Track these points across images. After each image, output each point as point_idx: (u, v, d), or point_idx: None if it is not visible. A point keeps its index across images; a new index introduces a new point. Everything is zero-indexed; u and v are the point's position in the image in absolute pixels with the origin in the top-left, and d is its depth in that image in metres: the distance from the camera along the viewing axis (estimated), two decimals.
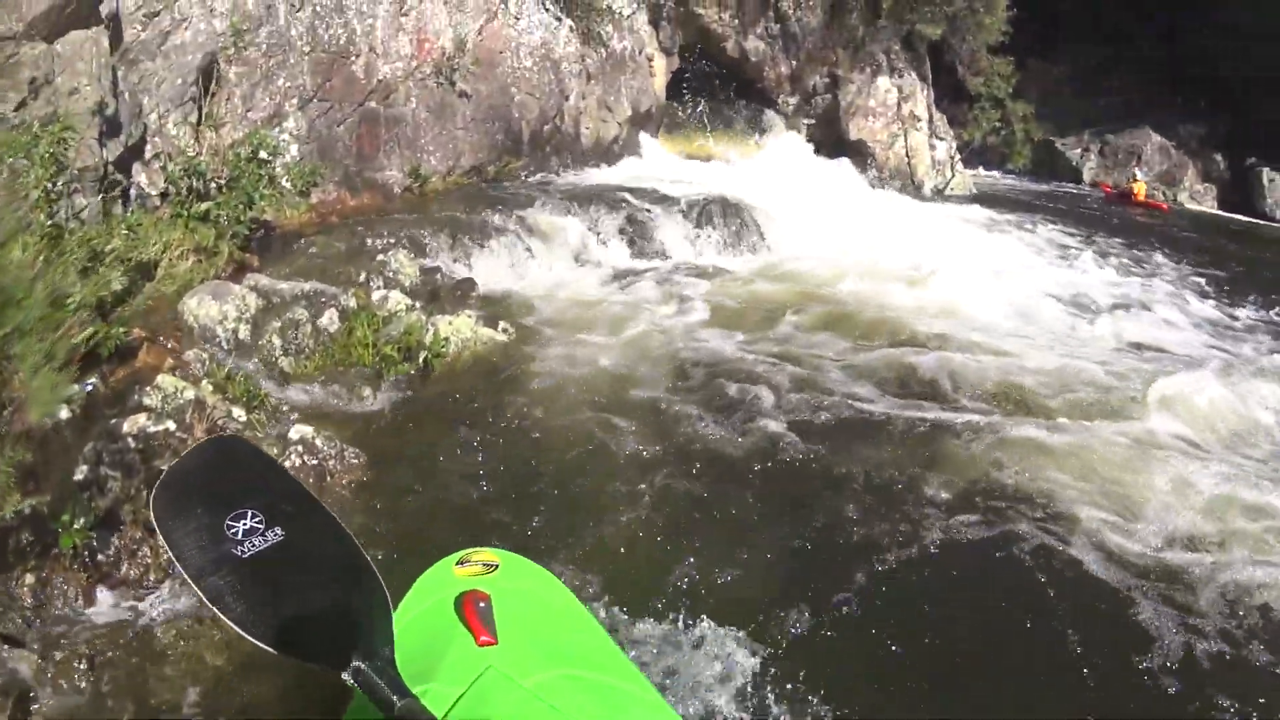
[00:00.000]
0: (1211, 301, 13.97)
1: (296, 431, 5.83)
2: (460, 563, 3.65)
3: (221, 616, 2.86)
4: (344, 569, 3.06)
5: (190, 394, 6.15)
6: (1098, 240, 18.63)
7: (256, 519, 3.21)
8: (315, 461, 5.54)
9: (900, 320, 10.16)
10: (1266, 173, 30.22)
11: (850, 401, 7.79)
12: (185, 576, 2.92)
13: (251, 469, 3.72)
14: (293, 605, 2.89)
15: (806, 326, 9.87)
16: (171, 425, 5.65)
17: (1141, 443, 7.24)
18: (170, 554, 3.05)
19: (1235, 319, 13.11)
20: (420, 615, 3.39)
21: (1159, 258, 17.52)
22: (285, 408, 6.64)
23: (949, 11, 20.52)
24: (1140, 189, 28.13)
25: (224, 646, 4.23)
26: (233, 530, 3.09)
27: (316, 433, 5.83)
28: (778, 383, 8.06)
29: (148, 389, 6.05)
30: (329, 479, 5.50)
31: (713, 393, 7.79)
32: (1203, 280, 15.72)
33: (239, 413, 6.26)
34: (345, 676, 2.70)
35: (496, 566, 3.65)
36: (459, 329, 8.16)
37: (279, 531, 3.07)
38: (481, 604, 3.29)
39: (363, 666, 2.67)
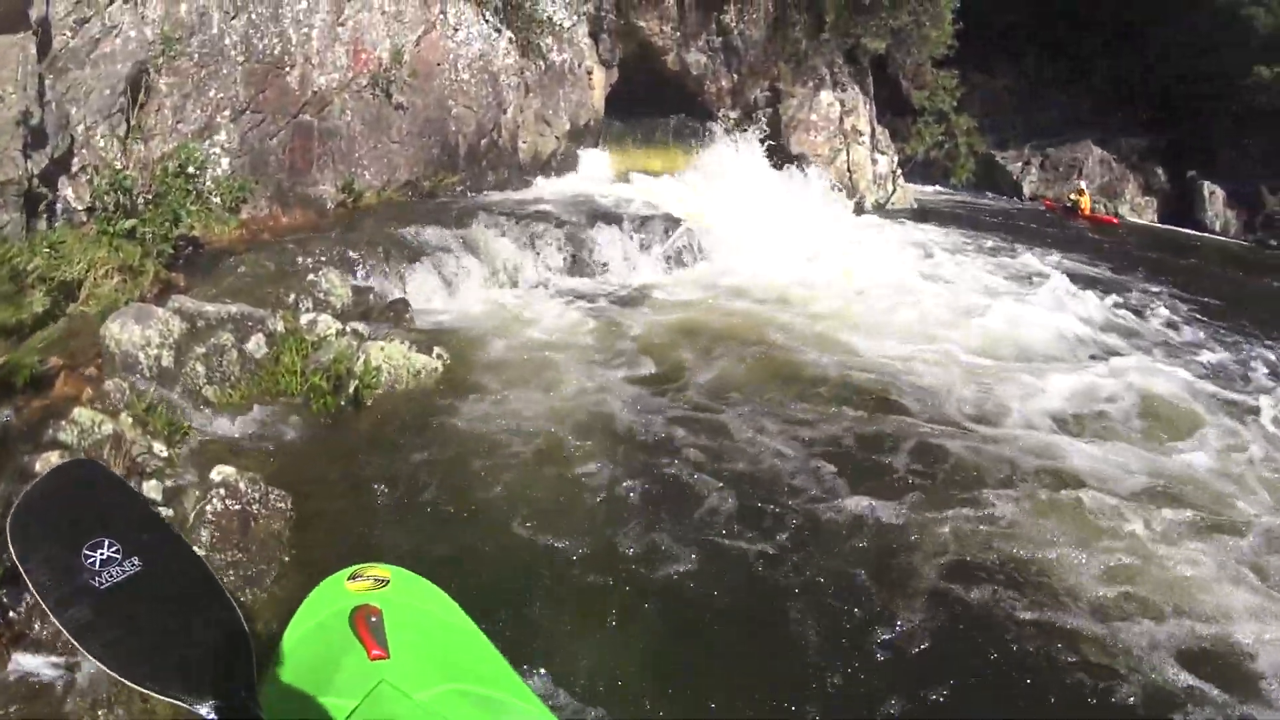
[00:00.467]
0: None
1: (219, 472, 5.57)
2: (352, 577, 3.75)
3: (82, 650, 2.80)
4: (204, 605, 3.06)
5: (108, 427, 5.89)
6: (1042, 255, 18.74)
7: (114, 548, 3.20)
8: (238, 506, 5.28)
9: (840, 364, 9.95)
10: (1207, 185, 30.66)
11: (774, 443, 7.63)
12: (45, 608, 2.85)
13: (109, 496, 3.66)
14: (151, 640, 2.88)
15: (746, 363, 9.63)
16: None
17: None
18: (28, 583, 2.95)
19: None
20: (314, 628, 3.50)
21: (1109, 272, 18.03)
22: (209, 441, 6.39)
23: (894, 25, 20.46)
24: (1085, 202, 28.44)
25: (152, 711, 4.01)
26: (90, 560, 3.10)
27: (240, 474, 5.56)
28: (716, 427, 7.88)
29: (63, 422, 5.78)
30: (254, 524, 5.25)
31: (653, 434, 7.58)
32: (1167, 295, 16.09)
33: (160, 447, 6.01)
34: (204, 711, 2.72)
35: (387, 581, 3.76)
36: (391, 356, 7.90)
37: (136, 562, 3.10)
38: (373, 619, 3.46)
39: (221, 705, 2.69)
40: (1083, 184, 29.99)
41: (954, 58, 23.10)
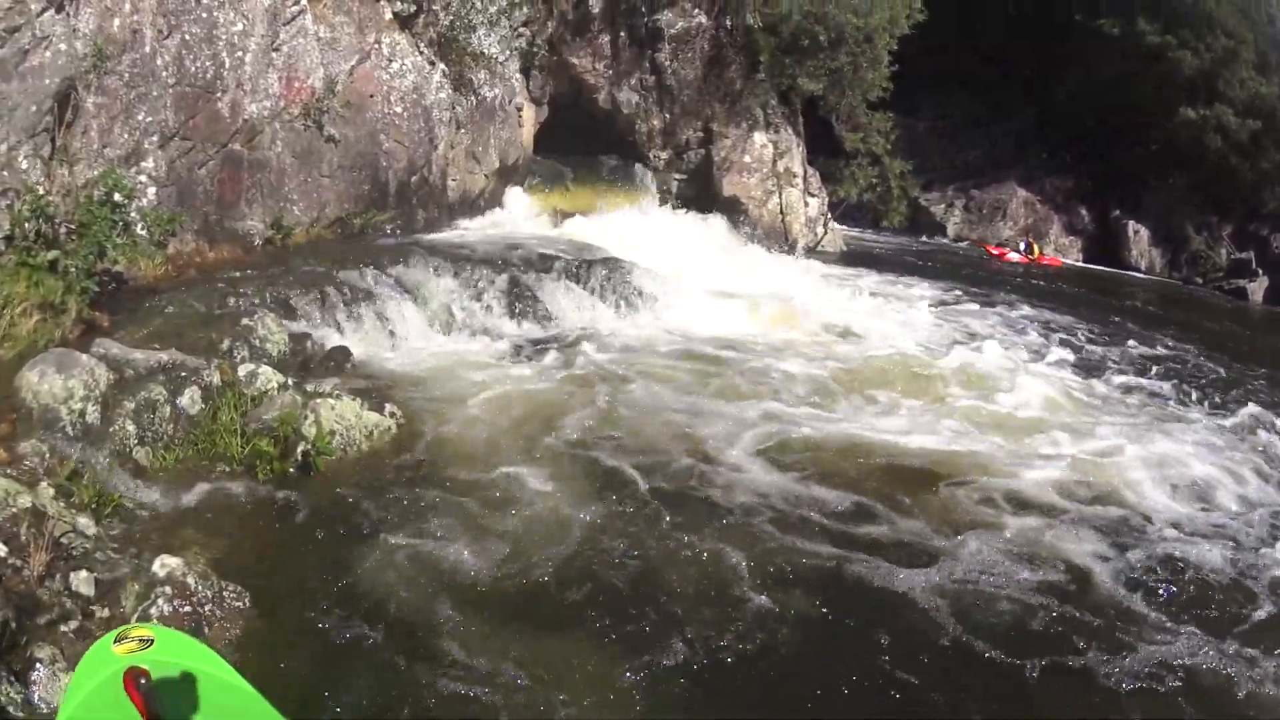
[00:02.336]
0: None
1: (163, 565, 4.78)
2: (118, 640, 3.61)
3: None
4: None
5: (25, 500, 5.11)
6: (965, 294, 19.27)
7: None
8: (189, 608, 4.54)
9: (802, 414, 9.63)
10: (1131, 225, 31.19)
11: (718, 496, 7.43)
12: None
13: None
14: None
15: (703, 411, 9.27)
16: (1, 549, 4.62)
17: None
18: None
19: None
20: (90, 694, 3.36)
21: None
22: (143, 516, 5.65)
23: (832, 66, 20.16)
24: (1038, 249, 29.04)
25: None
26: None
27: (188, 567, 4.79)
28: (683, 482, 7.66)
29: None
30: (209, 630, 4.52)
31: (627, 495, 7.23)
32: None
33: (86, 523, 5.25)
34: None
35: (152, 641, 3.63)
36: (343, 415, 7.21)
37: None
38: (143, 680, 3.38)
39: None
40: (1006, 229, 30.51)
41: (879, 100, 22.97)
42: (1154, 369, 14.27)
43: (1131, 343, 16.47)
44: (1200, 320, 21.99)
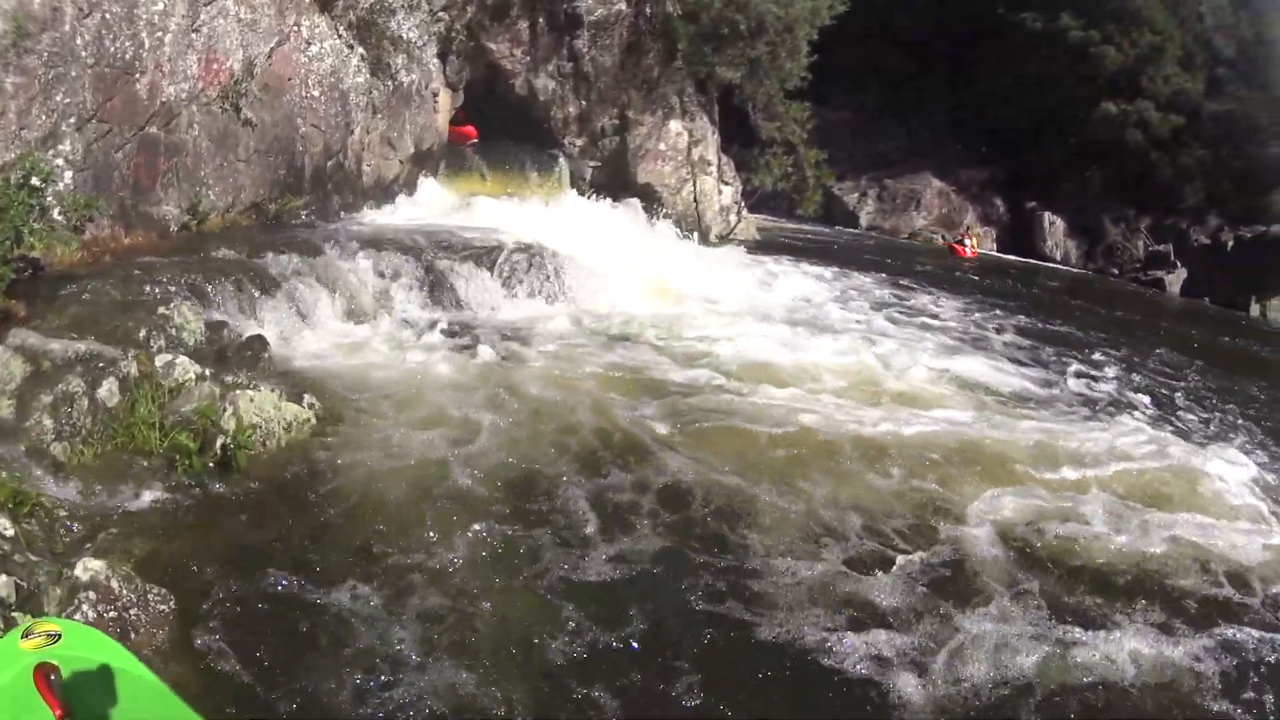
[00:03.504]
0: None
1: (85, 569, 4.73)
2: (25, 635, 3.55)
3: None
4: None
5: None
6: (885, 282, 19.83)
7: None
8: (114, 613, 4.51)
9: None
10: (1047, 216, 31.83)
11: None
12: None
13: None
14: None
15: (622, 405, 9.34)
16: None
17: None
18: None
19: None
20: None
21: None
22: (62, 515, 5.60)
23: (751, 55, 20.33)
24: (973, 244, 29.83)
25: None
26: None
27: (111, 570, 4.74)
28: (590, 452, 8.05)
29: None
30: (134, 635, 4.50)
31: (546, 471, 7.53)
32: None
33: (5, 524, 5.15)
34: None
35: (59, 636, 3.57)
36: (262, 406, 7.18)
37: None
38: (52, 675, 3.29)
39: None
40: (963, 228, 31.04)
41: (796, 89, 23.15)
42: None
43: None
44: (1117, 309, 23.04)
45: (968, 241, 30.22)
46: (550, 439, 8.11)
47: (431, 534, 6.27)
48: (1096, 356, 15.81)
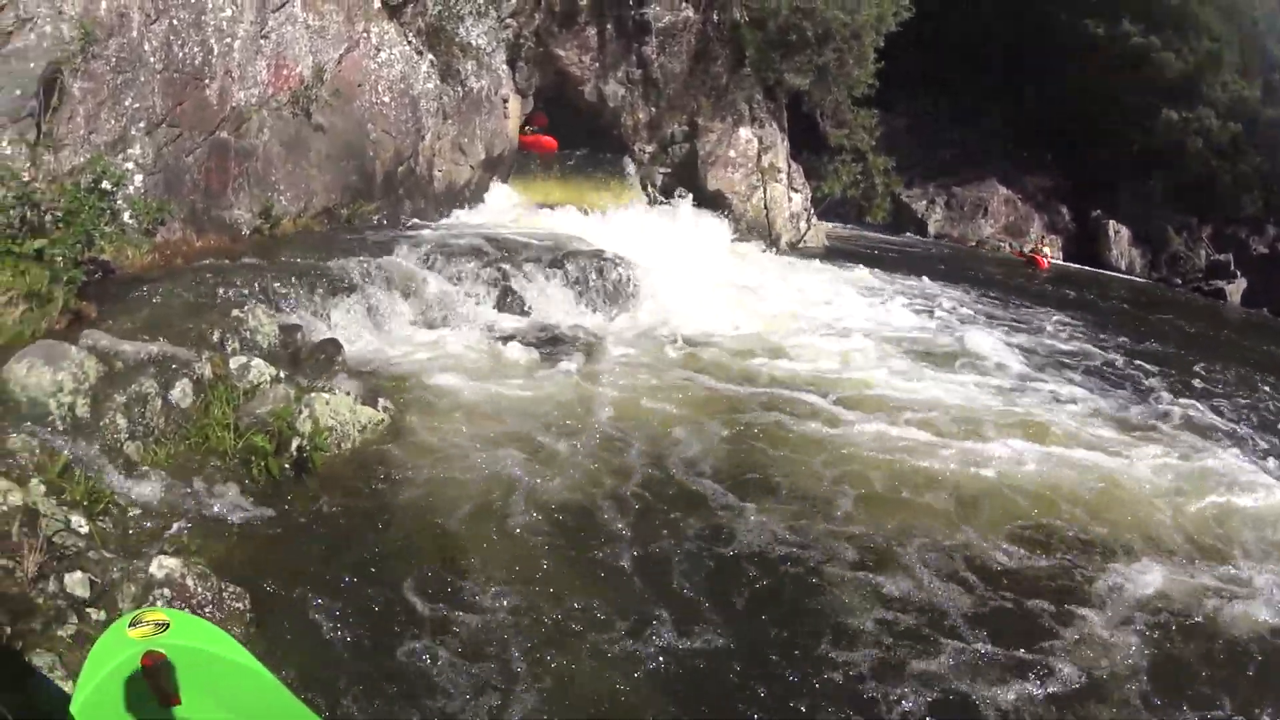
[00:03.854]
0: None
1: (161, 566, 4.63)
2: (133, 624, 3.51)
3: None
4: None
5: (17, 498, 4.95)
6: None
7: None
8: (188, 610, 4.37)
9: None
10: (1112, 225, 31.19)
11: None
12: None
13: None
14: None
15: (702, 417, 9.07)
16: None
17: None
18: None
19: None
20: (105, 679, 3.27)
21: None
22: (136, 513, 5.48)
23: (819, 62, 20.09)
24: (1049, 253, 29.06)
25: None
26: None
27: (187, 568, 4.63)
28: (669, 470, 7.69)
29: None
30: None
31: (622, 484, 7.26)
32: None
33: (79, 521, 5.06)
34: None
35: (168, 625, 3.54)
36: (338, 410, 7.06)
37: None
38: (160, 664, 3.28)
39: None
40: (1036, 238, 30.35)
41: (864, 96, 22.89)
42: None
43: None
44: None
45: (1045, 251, 29.72)
46: (619, 471, 7.54)
47: (507, 539, 6.18)
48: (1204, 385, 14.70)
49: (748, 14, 20.11)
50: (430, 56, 14.53)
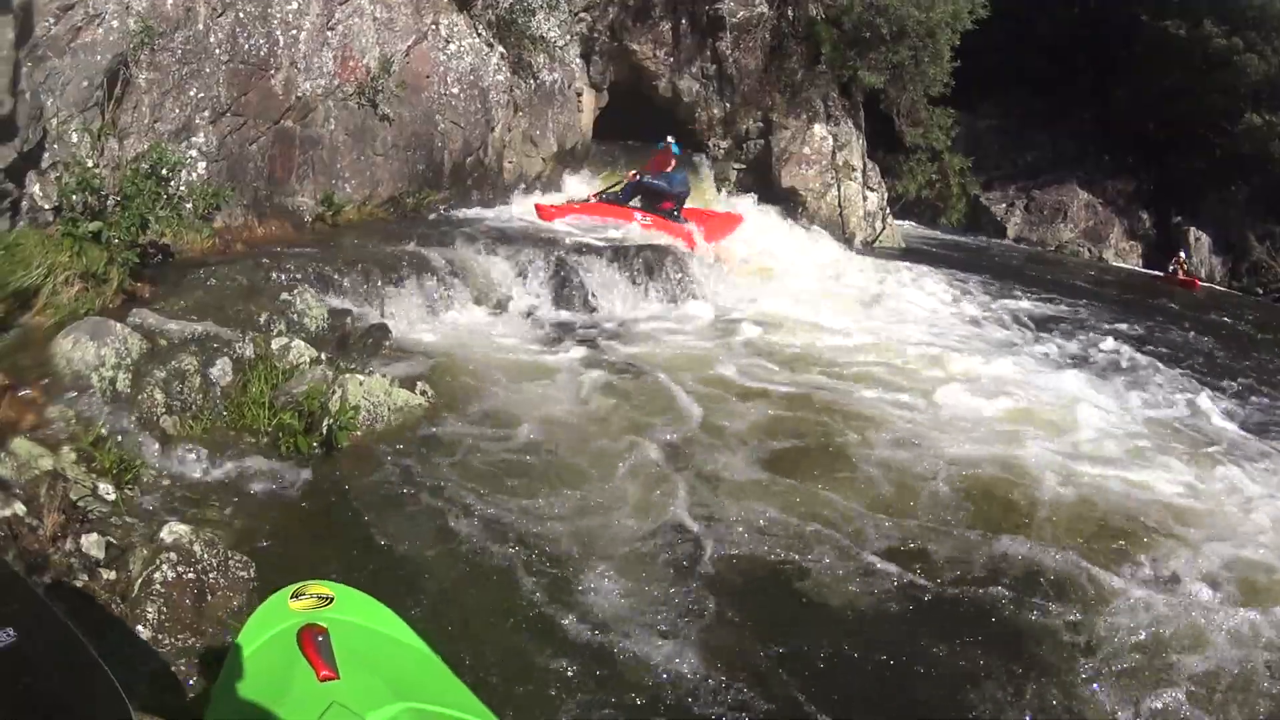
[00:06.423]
0: None
1: (170, 532, 4.83)
2: (295, 596, 3.61)
3: None
4: (80, 680, 2.69)
5: (47, 463, 5.23)
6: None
7: None
8: (192, 574, 4.55)
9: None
10: (1192, 232, 30.45)
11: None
12: None
13: None
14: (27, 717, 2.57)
15: (751, 414, 8.95)
16: (20, 508, 4.71)
17: None
18: None
19: None
20: (260, 649, 3.34)
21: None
22: (163, 484, 5.74)
23: (894, 60, 20.04)
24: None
25: None
26: None
27: (194, 534, 4.81)
28: (716, 466, 7.49)
29: (1, 454, 5.14)
30: (209, 598, 4.53)
31: (666, 479, 7.09)
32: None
33: (106, 488, 5.34)
34: None
35: (331, 599, 3.63)
36: (371, 391, 7.26)
37: (10, 633, 2.61)
38: (320, 638, 3.31)
39: None
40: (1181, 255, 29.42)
41: (941, 95, 22.70)
42: None
43: None
44: None
45: (1192, 270, 28.63)
46: (665, 479, 7.14)
47: (532, 525, 6.17)
48: None
49: (822, 10, 20.17)
50: (501, 49, 14.73)
